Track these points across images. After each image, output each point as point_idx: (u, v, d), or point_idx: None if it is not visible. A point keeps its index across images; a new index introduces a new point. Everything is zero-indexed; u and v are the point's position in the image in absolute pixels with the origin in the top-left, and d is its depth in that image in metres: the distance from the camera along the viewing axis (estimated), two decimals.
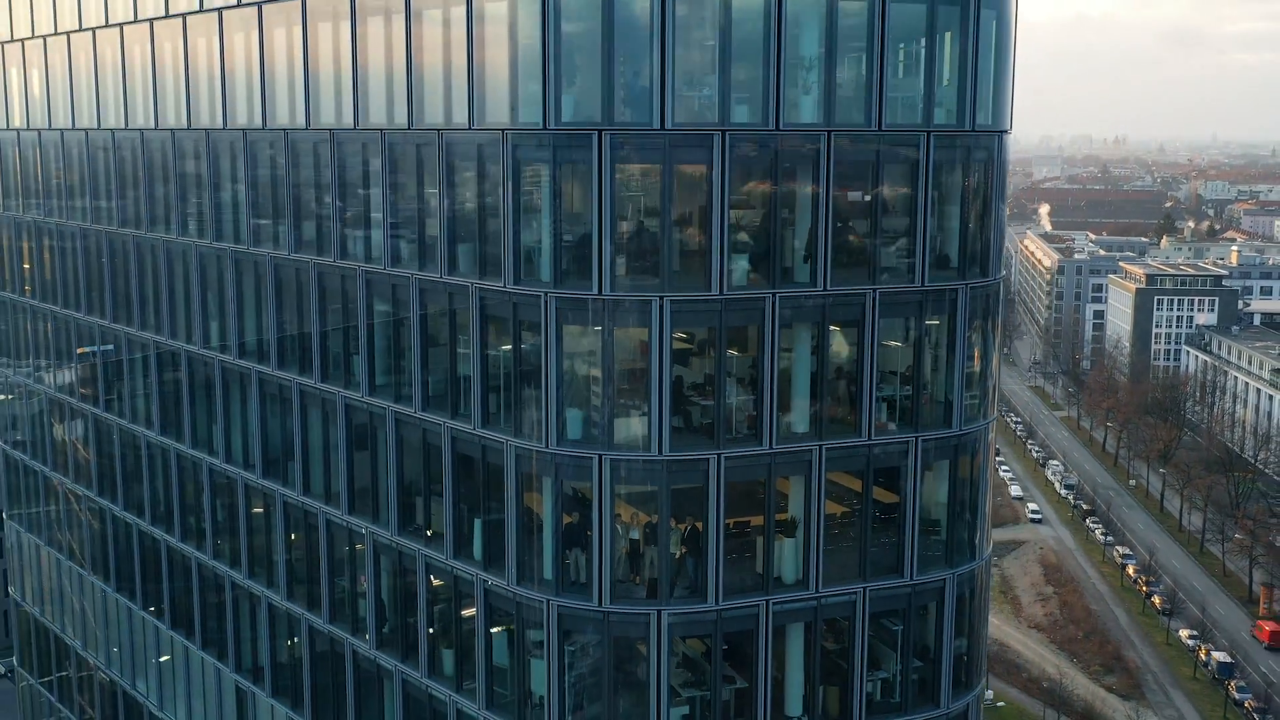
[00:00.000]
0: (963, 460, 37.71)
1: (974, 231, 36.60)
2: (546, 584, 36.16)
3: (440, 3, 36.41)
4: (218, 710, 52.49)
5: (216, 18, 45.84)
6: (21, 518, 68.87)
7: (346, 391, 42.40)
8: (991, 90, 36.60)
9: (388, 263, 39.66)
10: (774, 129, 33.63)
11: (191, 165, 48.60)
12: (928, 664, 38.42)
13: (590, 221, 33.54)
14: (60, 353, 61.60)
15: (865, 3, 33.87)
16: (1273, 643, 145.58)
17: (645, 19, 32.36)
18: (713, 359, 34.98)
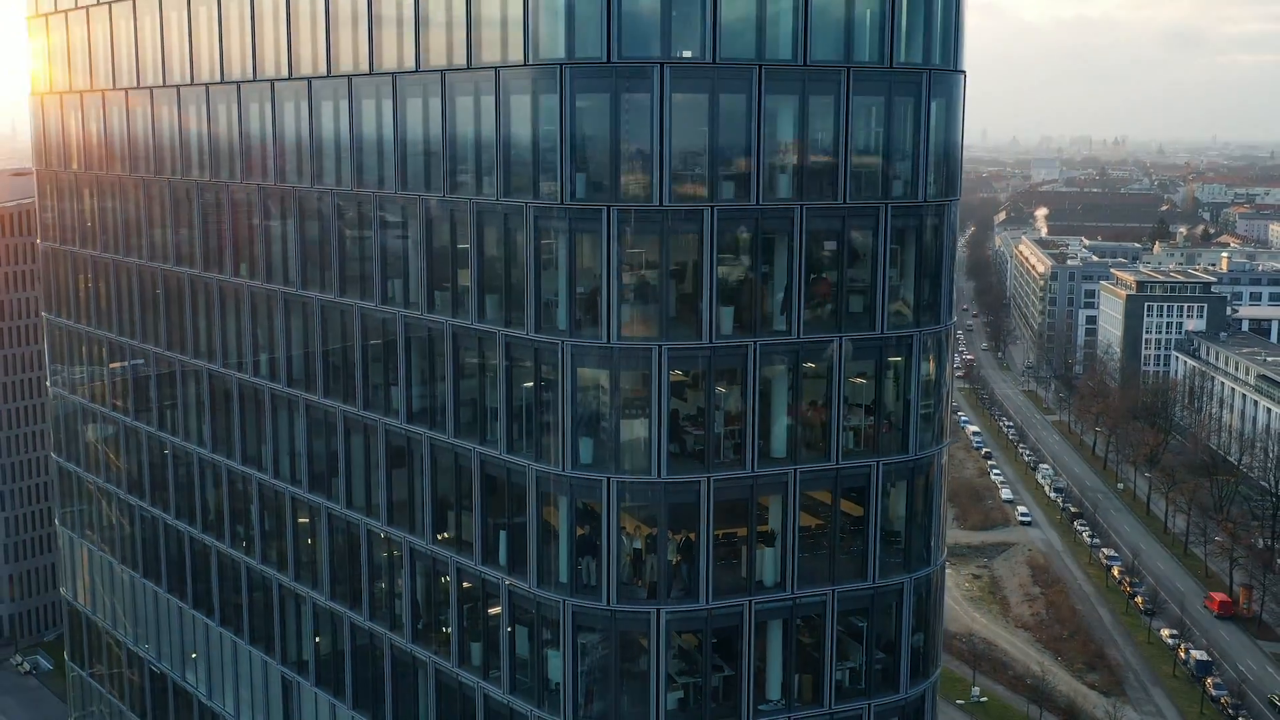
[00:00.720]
0: (919, 480, 44.25)
1: (927, 285, 43.10)
2: (562, 586, 42.70)
3: (473, 90, 42.91)
4: (264, 699, 59.04)
5: (269, 88, 52.34)
6: (75, 525, 75.43)
7: (386, 419, 48.97)
8: (943, 165, 43.09)
9: (424, 309, 46.23)
10: (756, 204, 40.16)
11: (245, 214, 55.15)
12: (889, 655, 44.96)
13: (600, 280, 40.07)
14: (116, 375, 68.13)
15: (831, 97, 40.38)
16: (1222, 612, 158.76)
17: (647, 114, 38.87)
18: (704, 394, 41.50)
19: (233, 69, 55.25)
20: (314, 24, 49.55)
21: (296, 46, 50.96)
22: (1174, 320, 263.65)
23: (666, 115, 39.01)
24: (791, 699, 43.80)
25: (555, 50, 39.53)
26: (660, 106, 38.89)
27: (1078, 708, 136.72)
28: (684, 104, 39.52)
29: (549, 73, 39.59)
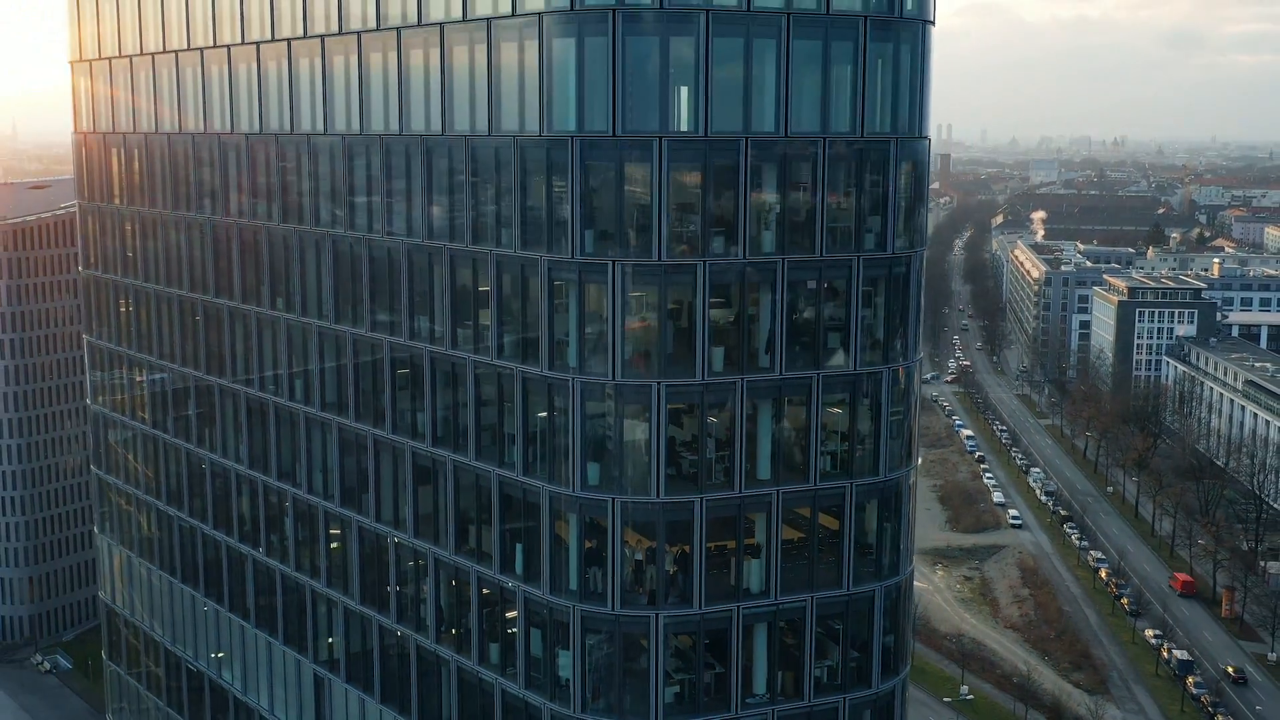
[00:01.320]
0: (888, 498, 50.11)
1: (895, 328, 48.96)
2: (571, 593, 48.57)
3: (493, 155, 48.72)
4: (297, 695, 64.91)
5: (305, 141, 58.14)
6: (113, 532, 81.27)
7: (413, 442, 54.83)
8: (910, 219, 48.91)
9: (449, 345, 52.06)
10: (743, 258, 46.00)
11: (282, 253, 60.99)
12: (863, 655, 50.83)
13: (606, 324, 45.91)
14: (156, 395, 73.96)
15: (809, 163, 46.21)
16: (1184, 591, 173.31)
17: (648, 180, 44.68)
18: (697, 423, 47.33)
19: (270, 121, 61.01)
20: (348, 91, 55.31)
21: (332, 108, 56.74)
22: (1165, 326, 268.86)
23: (664, 181, 44.83)
24: (775, 694, 49.65)
25: (567, 124, 45.36)
26: (659, 173, 44.72)
27: (1062, 705, 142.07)
28: (680, 170, 45.34)
29: (562, 143, 45.42)
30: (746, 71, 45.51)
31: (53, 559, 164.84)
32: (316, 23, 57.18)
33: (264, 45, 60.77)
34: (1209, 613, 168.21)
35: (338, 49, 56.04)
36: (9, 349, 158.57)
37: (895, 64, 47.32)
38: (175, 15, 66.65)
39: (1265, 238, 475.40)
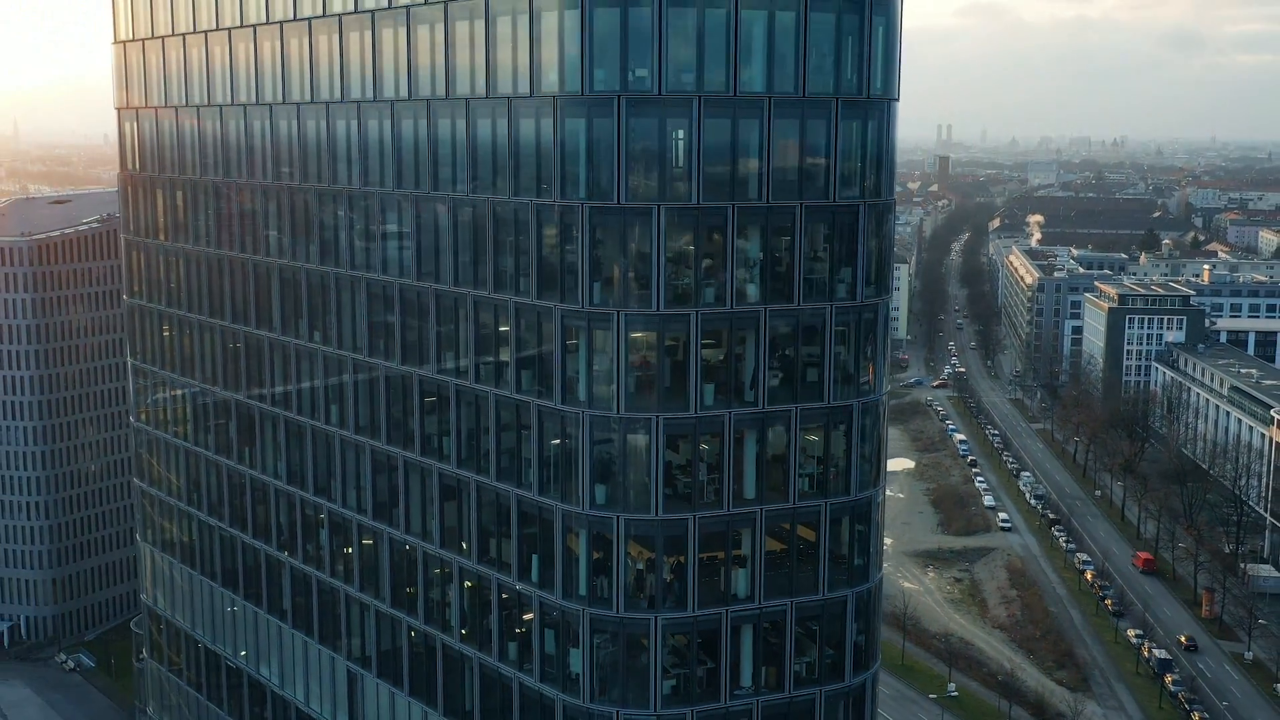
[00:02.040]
0: (859, 515, 57.52)
1: (864, 366, 56.37)
2: (581, 598, 55.96)
3: (513, 216, 56.14)
4: (331, 689, 72.36)
5: (346, 197, 65.59)
6: (155, 540, 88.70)
7: (440, 463, 62.25)
8: (877, 271, 56.30)
9: (472, 379, 59.48)
10: (730, 308, 53.44)
11: (319, 291, 68.37)
12: (837, 652, 58.25)
13: (612, 364, 53.30)
14: (198, 416, 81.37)
15: (789, 224, 53.61)
16: (1145, 568, 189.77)
17: (649, 242, 52.09)
18: (691, 450, 54.71)
19: (311, 173, 68.41)
20: (381, 152, 62.73)
21: (369, 167, 64.17)
22: (1154, 332, 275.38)
23: (662, 242, 52.24)
24: (760, 686, 57.11)
25: (578, 192, 52.73)
26: (657, 236, 52.11)
27: (1045, 702, 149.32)
28: (676, 232, 52.72)
29: (573, 209, 52.82)
30: (734, 146, 52.93)
31: (75, 561, 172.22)
32: (352, 89, 64.54)
33: (304, 106, 68.13)
34: (1190, 613, 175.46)
35: (372, 113, 63.38)
36: (33, 360, 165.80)
37: (864, 137, 54.69)
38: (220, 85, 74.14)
39: (1259, 241, 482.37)
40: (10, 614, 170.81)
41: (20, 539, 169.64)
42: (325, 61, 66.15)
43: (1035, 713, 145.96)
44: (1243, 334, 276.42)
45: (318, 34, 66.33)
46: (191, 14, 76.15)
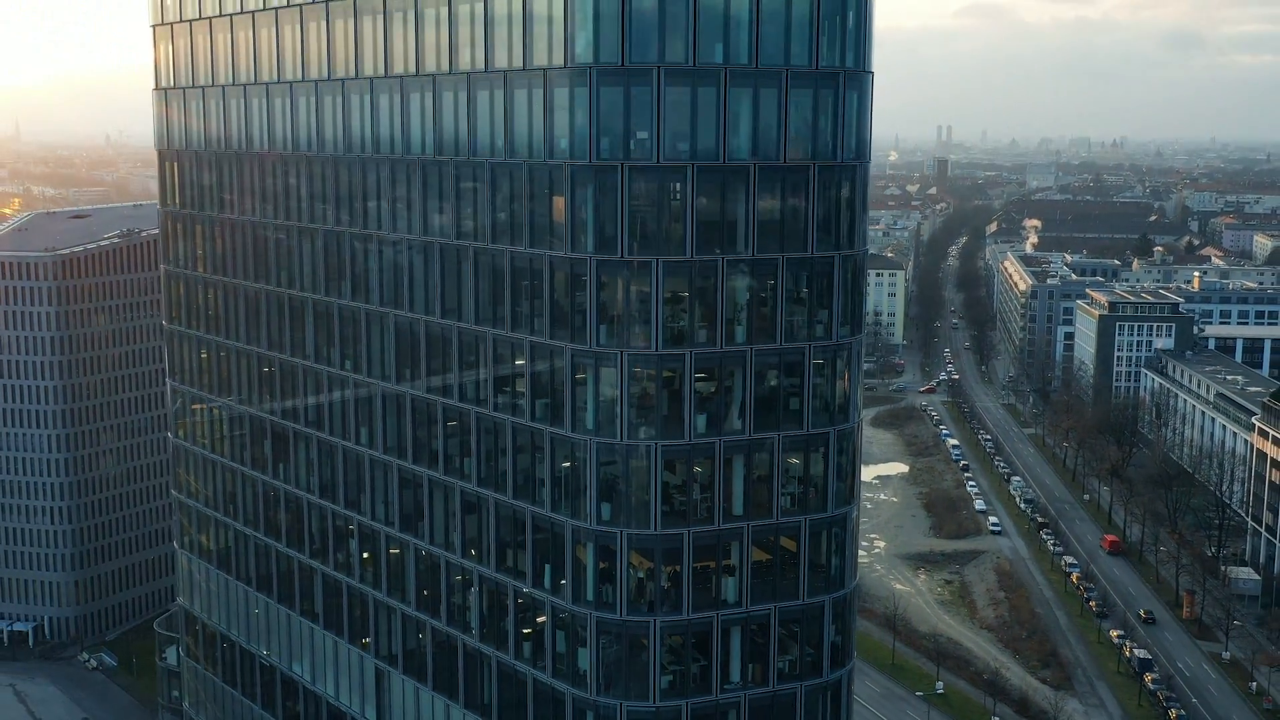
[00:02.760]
0: (835, 530, 65.21)
1: (840, 399, 63.99)
2: (589, 603, 63.60)
3: (528, 264, 63.76)
4: (360, 684, 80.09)
5: (375, 239, 73.21)
6: (193, 548, 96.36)
7: (461, 482, 69.94)
8: (850, 314, 63.91)
9: (491, 408, 67.17)
10: (719, 348, 61.14)
11: (351, 324, 76.04)
12: (816, 651, 65.91)
13: (616, 398, 60.92)
14: (235, 433, 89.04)
15: (772, 275, 61.25)
16: (1112, 550, 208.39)
17: (648, 289, 59.74)
18: (686, 473, 62.34)
19: (344, 219, 76.11)
20: (410, 203, 70.40)
21: (396, 212, 71.80)
22: (1144, 339, 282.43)
23: (660, 291, 59.89)
24: (747, 682, 64.82)
25: (587, 247, 60.38)
26: (657, 285, 59.78)
27: (1029, 700, 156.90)
28: (672, 281, 60.40)
29: (582, 261, 60.50)
30: (723, 206, 60.57)
31: (96, 564, 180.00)
32: (382, 143, 72.24)
33: (340, 157, 75.82)
34: (1171, 615, 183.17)
35: (402, 168, 71.08)
36: (56, 370, 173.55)
37: (838, 195, 62.39)
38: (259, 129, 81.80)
39: (1254, 245, 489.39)
40: (34, 615, 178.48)
41: (44, 542, 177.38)
42: (356, 123, 73.82)
43: (1019, 710, 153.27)
44: (1231, 341, 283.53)
45: (350, 93, 73.96)
46: (230, 71, 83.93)
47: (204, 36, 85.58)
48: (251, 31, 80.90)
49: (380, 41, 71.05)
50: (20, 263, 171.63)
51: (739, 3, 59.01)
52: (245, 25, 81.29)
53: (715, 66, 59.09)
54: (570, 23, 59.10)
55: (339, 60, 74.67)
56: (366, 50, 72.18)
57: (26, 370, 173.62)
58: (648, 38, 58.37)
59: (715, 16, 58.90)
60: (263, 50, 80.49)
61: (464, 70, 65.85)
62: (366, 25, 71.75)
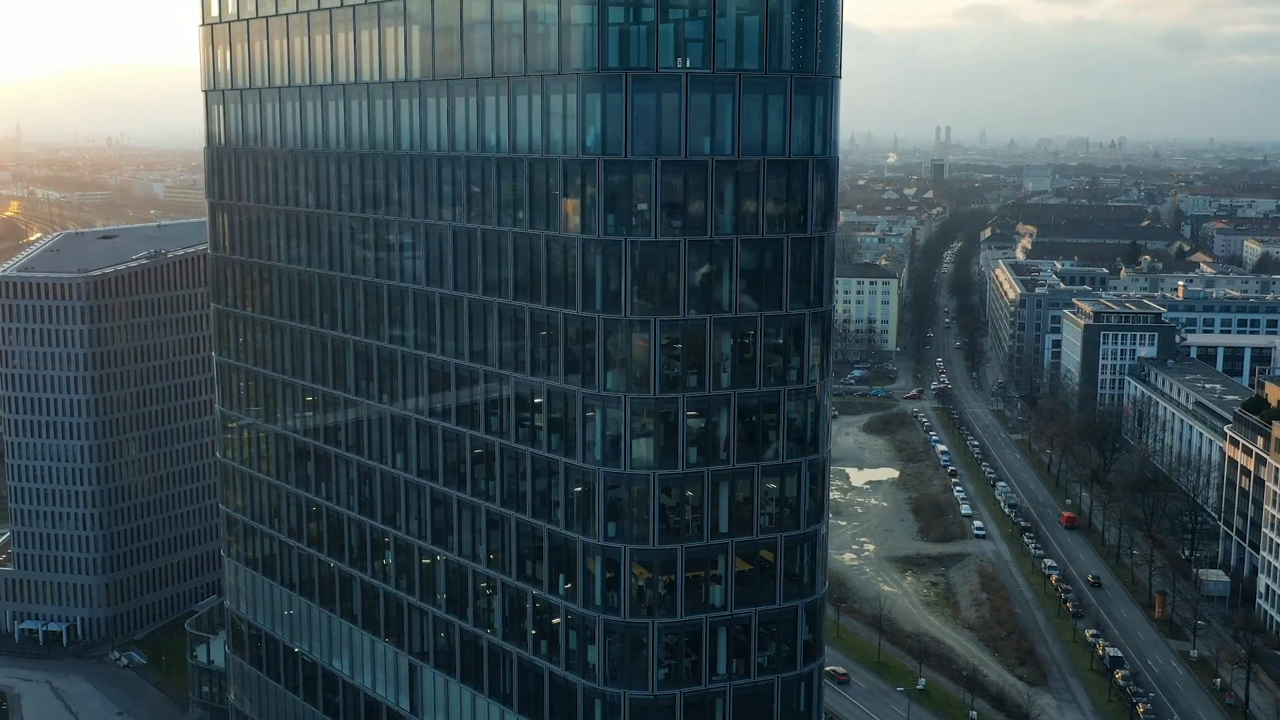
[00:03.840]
0: (807, 543, 77.21)
1: (810, 433, 75.99)
2: (597, 607, 75.63)
3: (545, 320, 75.75)
4: (394, 678, 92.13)
5: (409, 293, 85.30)
6: (239, 556, 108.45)
7: (486, 502, 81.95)
8: (816, 361, 75.86)
9: (513, 439, 79.21)
10: (707, 392, 73.18)
11: (388, 365, 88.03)
12: (790, 647, 77.95)
13: (620, 432, 72.90)
14: (281, 455, 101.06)
15: (752, 329, 73.24)
16: (1068, 525, 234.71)
17: (647, 343, 71.76)
18: (680, 496, 74.35)
19: (383, 271, 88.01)
20: (442, 262, 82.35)
21: (429, 268, 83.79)
22: (1128, 347, 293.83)
23: (657, 344, 71.87)
24: (732, 674, 76.91)
25: (595, 306, 72.37)
26: (654, 339, 71.76)
27: (1006, 695, 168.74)
28: (667, 335, 72.41)
29: (591, 320, 72.50)
30: (711, 274, 72.58)
31: (126, 567, 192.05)
32: (416, 209, 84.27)
33: (379, 220, 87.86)
34: (1144, 615, 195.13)
35: (434, 233, 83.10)
36: (88, 384, 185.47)
37: (808, 262, 74.36)
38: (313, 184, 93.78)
39: (1245, 250, 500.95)
40: (67, 616, 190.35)
41: (76, 547, 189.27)
42: (395, 190, 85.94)
43: (996, 705, 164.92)
44: (1212, 349, 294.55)
45: (377, 163, 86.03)
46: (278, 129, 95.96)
47: (259, 41, 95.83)
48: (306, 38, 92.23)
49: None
50: (55, 283, 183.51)
51: (723, 102, 70.94)
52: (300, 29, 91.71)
53: (704, 157, 71.17)
54: (582, 119, 71.11)
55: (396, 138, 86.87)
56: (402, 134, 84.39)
57: (60, 385, 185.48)
58: (648, 132, 70.35)
59: (703, 114, 70.85)
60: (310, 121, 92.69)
61: (492, 157, 78.01)
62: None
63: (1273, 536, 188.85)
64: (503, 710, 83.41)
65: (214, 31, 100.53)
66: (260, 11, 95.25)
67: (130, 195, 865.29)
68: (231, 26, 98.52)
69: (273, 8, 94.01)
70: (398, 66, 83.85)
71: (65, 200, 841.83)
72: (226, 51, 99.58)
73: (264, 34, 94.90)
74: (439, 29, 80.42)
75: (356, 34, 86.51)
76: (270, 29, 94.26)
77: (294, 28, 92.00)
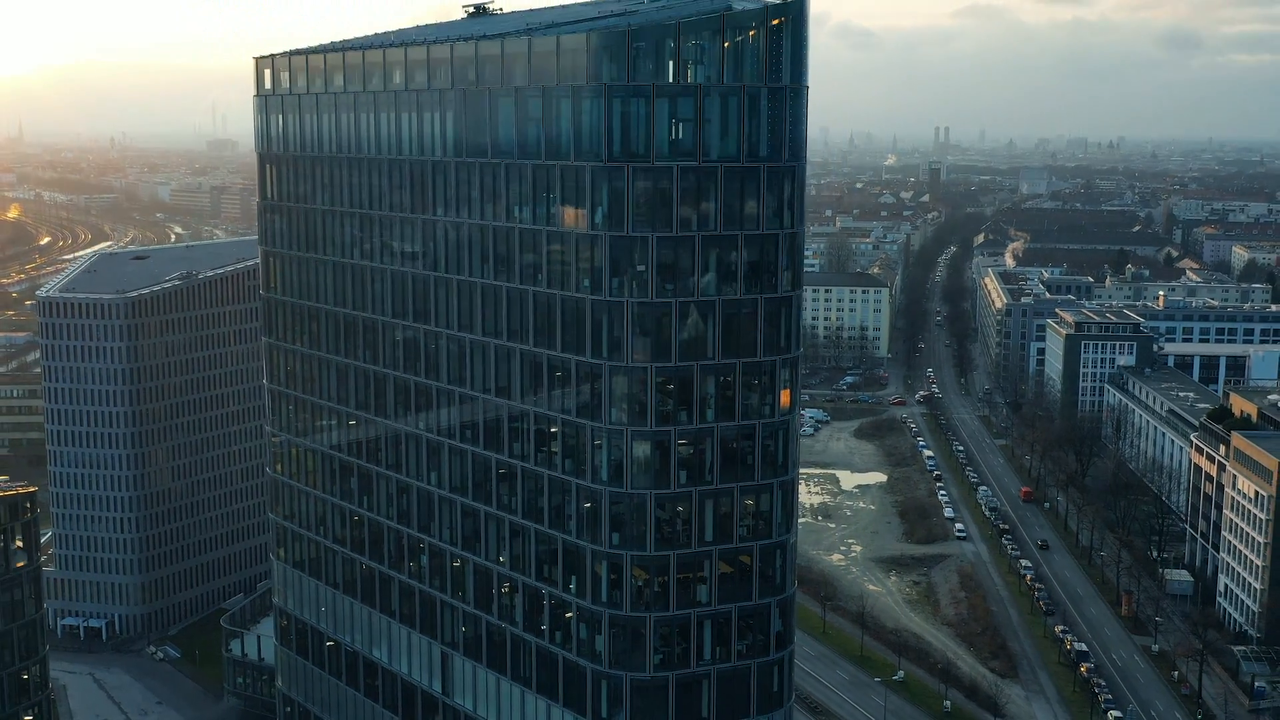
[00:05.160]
0: (778, 550, 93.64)
1: (780, 460, 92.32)
2: (603, 603, 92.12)
3: (560, 368, 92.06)
4: (429, 664, 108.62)
5: (441, 336, 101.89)
6: (288, 560, 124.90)
7: (509, 515, 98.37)
8: (786, 396, 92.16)
9: (532, 462, 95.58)
10: (694, 425, 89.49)
11: (425, 398, 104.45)
12: (765, 636, 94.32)
13: (623, 458, 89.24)
14: (326, 471, 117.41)
15: (731, 376, 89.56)
16: (1025, 498, 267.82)
17: (643, 388, 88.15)
18: (672, 511, 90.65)
19: (422, 318, 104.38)
20: (472, 310, 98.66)
21: (461, 317, 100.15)
22: (1108, 356, 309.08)
23: (653, 386, 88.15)
24: (716, 659, 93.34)
25: (602, 354, 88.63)
26: (650, 384, 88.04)
27: (978, 686, 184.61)
28: (661, 380, 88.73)
29: (600, 365, 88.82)
30: (699, 324, 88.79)
31: (161, 567, 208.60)
32: (450, 265, 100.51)
33: (410, 274, 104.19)
34: (1111, 612, 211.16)
35: (465, 288, 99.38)
36: (126, 398, 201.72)
37: (777, 320, 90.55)
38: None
39: (1233, 256, 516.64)
40: (106, 613, 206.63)
41: (114, 548, 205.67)
42: (429, 252, 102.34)
43: (969, 695, 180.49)
44: (1189, 358, 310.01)
45: (415, 226, 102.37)
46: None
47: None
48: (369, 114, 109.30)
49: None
50: (96, 303, 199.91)
51: (707, 187, 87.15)
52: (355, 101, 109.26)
53: (691, 233, 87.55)
54: (591, 200, 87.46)
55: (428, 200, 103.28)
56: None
57: (100, 398, 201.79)
58: (644, 216, 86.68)
59: (691, 196, 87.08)
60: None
61: (515, 227, 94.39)
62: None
63: (1231, 539, 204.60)
64: (523, 691, 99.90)
65: (268, 102, 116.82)
66: (311, 89, 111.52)
67: (136, 198, 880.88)
68: (284, 99, 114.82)
69: (323, 85, 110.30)
70: (432, 145, 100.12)
71: (71, 203, 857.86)
72: (279, 118, 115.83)
73: (315, 109, 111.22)
74: (469, 117, 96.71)
75: (397, 115, 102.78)
76: (320, 104, 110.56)
77: (341, 105, 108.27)
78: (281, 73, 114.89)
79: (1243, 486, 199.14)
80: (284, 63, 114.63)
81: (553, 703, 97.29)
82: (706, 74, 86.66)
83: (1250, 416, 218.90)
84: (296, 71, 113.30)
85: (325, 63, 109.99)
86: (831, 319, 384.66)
